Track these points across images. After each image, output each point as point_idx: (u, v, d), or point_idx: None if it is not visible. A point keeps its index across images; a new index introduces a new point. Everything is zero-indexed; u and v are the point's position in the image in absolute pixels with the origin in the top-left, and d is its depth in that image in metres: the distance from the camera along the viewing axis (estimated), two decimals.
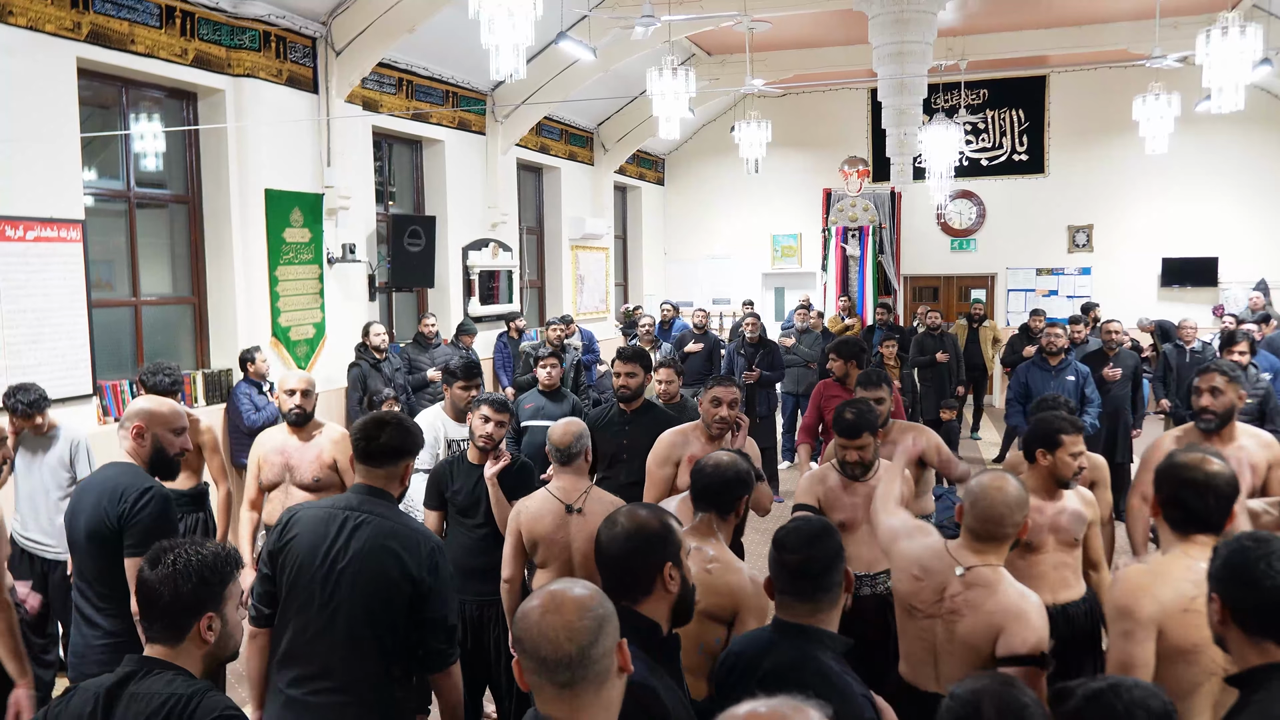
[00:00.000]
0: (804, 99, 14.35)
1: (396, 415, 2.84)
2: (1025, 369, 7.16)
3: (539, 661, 1.62)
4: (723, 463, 2.90)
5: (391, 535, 2.62)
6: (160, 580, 2.00)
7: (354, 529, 2.62)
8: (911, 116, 9.13)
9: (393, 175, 9.74)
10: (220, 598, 2.04)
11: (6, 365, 5.46)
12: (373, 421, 2.76)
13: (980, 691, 1.70)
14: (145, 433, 3.15)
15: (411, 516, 2.83)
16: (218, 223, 7.20)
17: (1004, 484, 2.66)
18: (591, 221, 12.72)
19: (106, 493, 3.02)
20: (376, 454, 2.70)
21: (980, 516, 2.65)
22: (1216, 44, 6.58)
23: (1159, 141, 10.11)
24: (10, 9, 5.52)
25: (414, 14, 7.68)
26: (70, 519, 3.09)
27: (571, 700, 1.63)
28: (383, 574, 2.58)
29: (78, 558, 3.10)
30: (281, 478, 4.25)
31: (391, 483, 2.74)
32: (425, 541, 2.66)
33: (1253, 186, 13.11)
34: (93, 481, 3.12)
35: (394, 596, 2.58)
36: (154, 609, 2.02)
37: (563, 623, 1.62)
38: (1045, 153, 14.07)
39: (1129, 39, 11.22)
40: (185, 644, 2.01)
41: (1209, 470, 2.43)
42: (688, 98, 7.86)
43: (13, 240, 5.55)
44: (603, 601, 1.68)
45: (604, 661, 1.63)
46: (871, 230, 13.18)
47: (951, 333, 10.40)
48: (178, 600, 1.98)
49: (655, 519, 2.15)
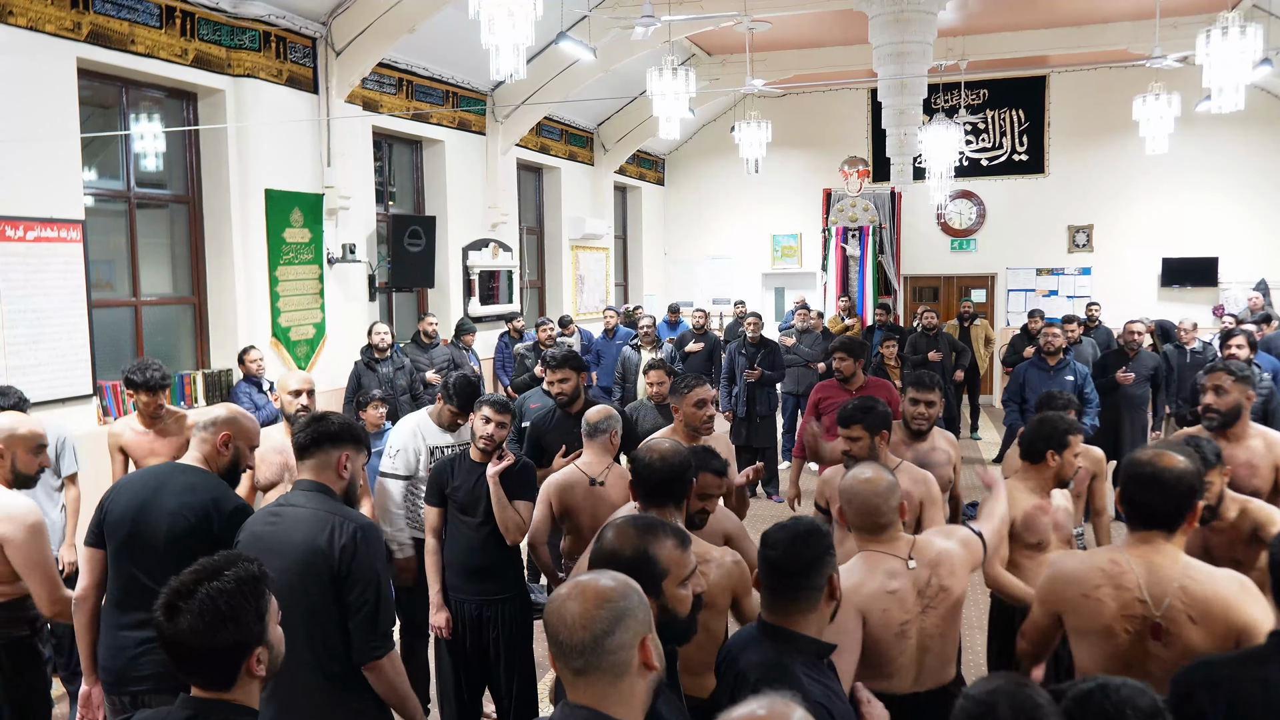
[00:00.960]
0: (804, 99, 14.35)
1: (337, 414, 2.93)
2: (1024, 369, 7.17)
3: (557, 645, 1.66)
4: (667, 451, 2.81)
5: (305, 521, 2.64)
6: (190, 634, 1.75)
7: (280, 522, 2.68)
8: (911, 116, 9.13)
9: (393, 175, 9.74)
10: (263, 627, 1.83)
11: (6, 365, 5.46)
12: (307, 418, 2.90)
13: (995, 692, 1.71)
14: (230, 443, 3.12)
15: (344, 505, 2.78)
16: (218, 223, 7.20)
17: (871, 475, 2.70)
18: (591, 221, 12.73)
19: (203, 501, 2.92)
20: (302, 445, 2.79)
21: (859, 510, 2.68)
22: (1216, 44, 6.59)
23: (1159, 141, 10.11)
24: (10, 9, 5.52)
25: (414, 14, 7.68)
26: (135, 519, 2.93)
27: (587, 688, 1.65)
28: (298, 566, 2.60)
29: (139, 559, 2.94)
30: (280, 477, 4.25)
31: (323, 473, 2.77)
32: (344, 524, 2.65)
33: (1253, 186, 13.12)
34: (169, 484, 2.98)
35: (310, 585, 2.59)
36: (192, 662, 1.78)
37: (580, 610, 1.64)
38: (1045, 153, 14.07)
39: (1129, 39, 11.22)
40: (238, 685, 1.81)
41: (1160, 466, 2.40)
42: (688, 98, 7.86)
43: (13, 240, 5.55)
44: (627, 595, 1.68)
45: (620, 654, 1.64)
46: (871, 230, 13.18)
47: (946, 332, 10.40)
48: (215, 652, 1.76)
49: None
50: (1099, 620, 2.43)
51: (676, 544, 2.06)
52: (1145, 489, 2.40)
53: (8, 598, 3.13)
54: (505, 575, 3.87)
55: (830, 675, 2.22)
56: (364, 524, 2.69)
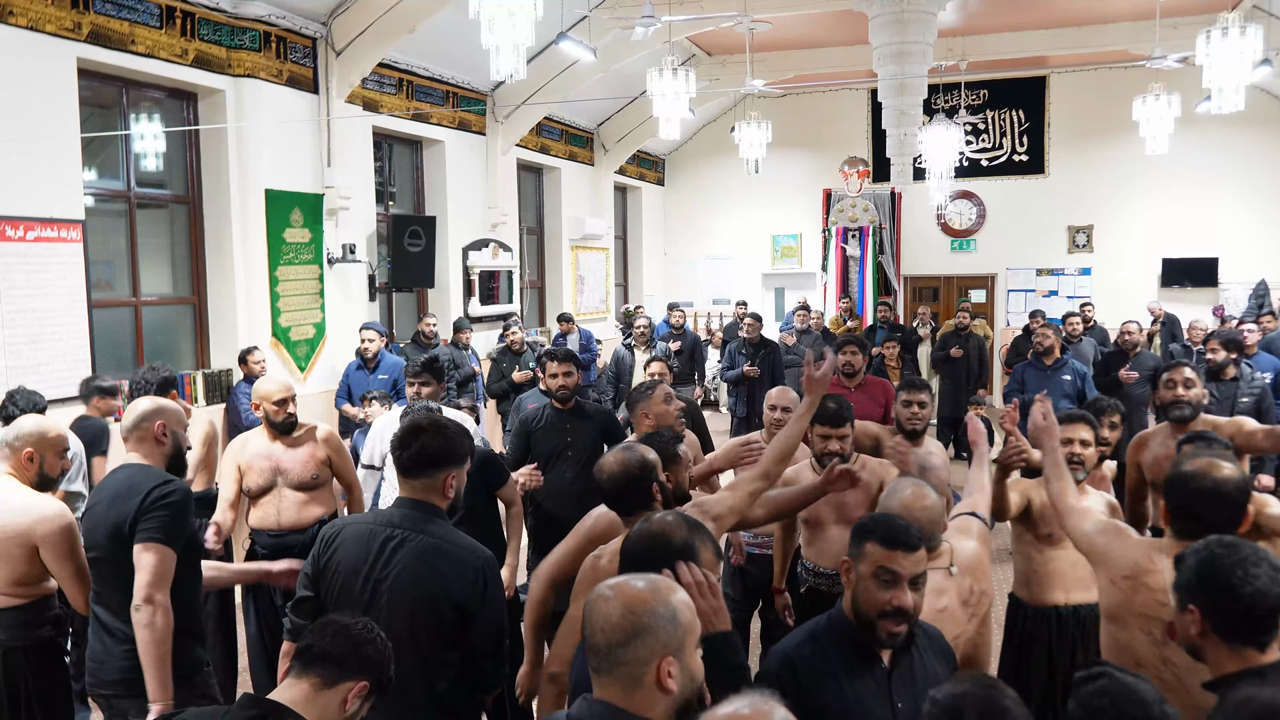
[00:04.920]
0: (804, 99, 14.35)
1: (435, 420, 2.72)
2: (1022, 369, 7.22)
3: (585, 638, 1.68)
4: (612, 463, 2.69)
5: (435, 554, 2.53)
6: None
7: (395, 548, 2.54)
8: (911, 117, 9.13)
9: (393, 175, 9.74)
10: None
11: (6, 365, 5.46)
12: (407, 429, 2.65)
13: (963, 695, 1.70)
14: (167, 430, 3.10)
15: (461, 533, 2.67)
16: (218, 223, 7.20)
17: (925, 494, 2.65)
18: (591, 222, 12.72)
19: (123, 492, 2.95)
20: (409, 464, 2.60)
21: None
22: (1216, 44, 6.59)
23: (1159, 142, 10.11)
24: (10, 9, 5.52)
25: (414, 14, 7.68)
26: (89, 524, 3.02)
27: (604, 688, 1.66)
28: (424, 595, 2.50)
29: (98, 564, 3.02)
30: (272, 481, 4.26)
31: (432, 494, 2.61)
32: (473, 559, 2.55)
33: (1253, 186, 13.11)
34: (108, 484, 3.06)
35: (437, 618, 2.51)
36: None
37: (606, 612, 1.65)
38: (1045, 153, 14.07)
39: (1129, 39, 11.22)
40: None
41: (1217, 477, 2.36)
42: (688, 98, 7.86)
43: (13, 240, 5.55)
44: (654, 611, 1.64)
45: (634, 668, 1.62)
46: (871, 230, 13.19)
47: (977, 334, 10.14)
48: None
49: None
50: (1125, 608, 2.44)
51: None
52: (1209, 503, 2.34)
53: (32, 598, 3.17)
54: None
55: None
56: (485, 559, 2.58)
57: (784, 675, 2.13)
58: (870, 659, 2.17)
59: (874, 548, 2.15)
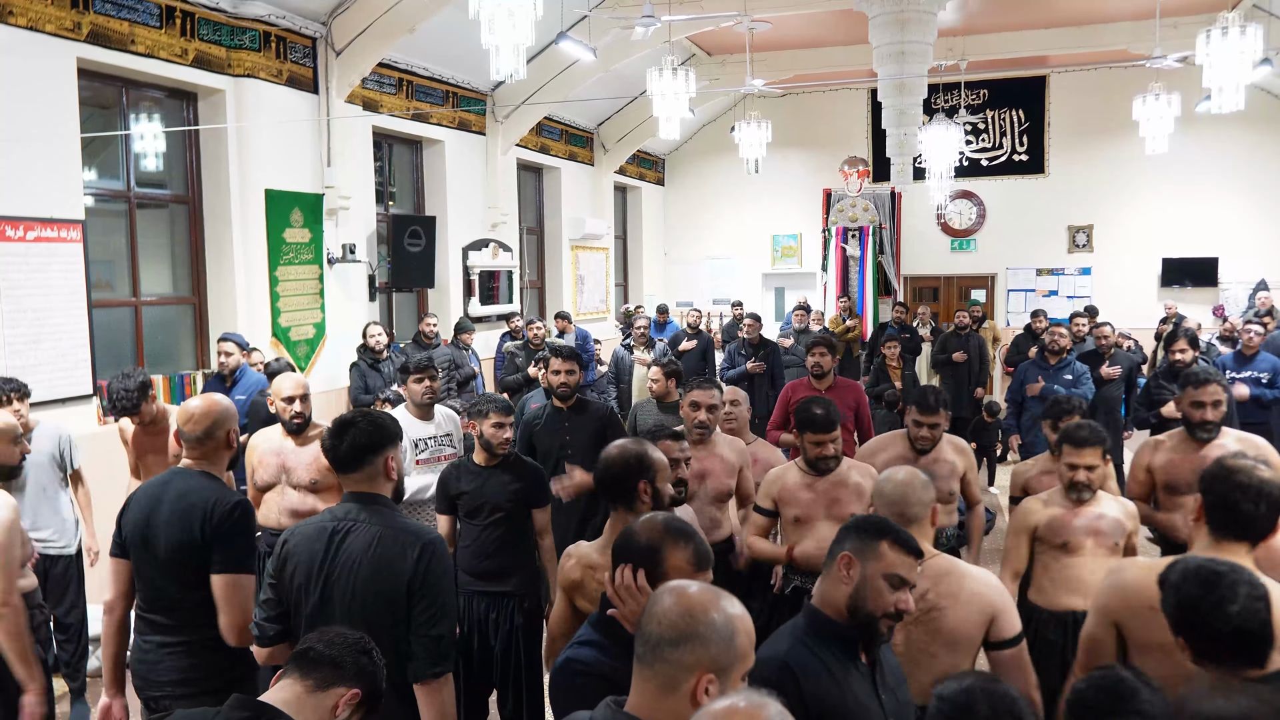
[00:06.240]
0: (804, 99, 14.34)
1: (362, 413, 2.76)
2: (1024, 368, 7.22)
3: (638, 624, 1.68)
4: (609, 454, 2.70)
5: (379, 540, 2.55)
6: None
7: (341, 540, 2.56)
8: (911, 117, 9.13)
9: (393, 175, 9.74)
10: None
11: (6, 365, 5.45)
12: (334, 428, 2.68)
13: (970, 690, 1.69)
14: (234, 436, 3.06)
15: (405, 517, 2.71)
16: (218, 223, 7.19)
17: (904, 473, 2.77)
18: (591, 222, 12.72)
19: (195, 507, 2.87)
20: (344, 459, 2.63)
21: (888, 501, 2.69)
22: (1216, 44, 6.58)
23: (1159, 141, 10.10)
24: (10, 9, 5.52)
25: (414, 14, 7.68)
26: (143, 533, 2.91)
27: (641, 685, 1.65)
28: (373, 582, 2.51)
29: (148, 570, 2.93)
30: (277, 479, 4.26)
31: (374, 482, 2.64)
32: (415, 539, 2.56)
33: (1253, 186, 13.11)
34: (166, 494, 2.94)
35: (389, 602, 2.51)
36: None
37: (668, 606, 1.65)
38: (1045, 153, 14.06)
39: (1129, 39, 11.21)
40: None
41: (1263, 477, 2.39)
42: (688, 98, 7.85)
43: (13, 240, 5.55)
44: (714, 622, 1.62)
45: (675, 670, 1.60)
46: (871, 230, 13.19)
47: (979, 335, 10.06)
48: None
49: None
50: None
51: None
52: (1253, 499, 2.34)
53: None
54: (516, 576, 3.88)
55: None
56: (430, 539, 2.58)
57: (785, 682, 2.10)
58: (854, 656, 2.18)
59: (890, 551, 2.14)
